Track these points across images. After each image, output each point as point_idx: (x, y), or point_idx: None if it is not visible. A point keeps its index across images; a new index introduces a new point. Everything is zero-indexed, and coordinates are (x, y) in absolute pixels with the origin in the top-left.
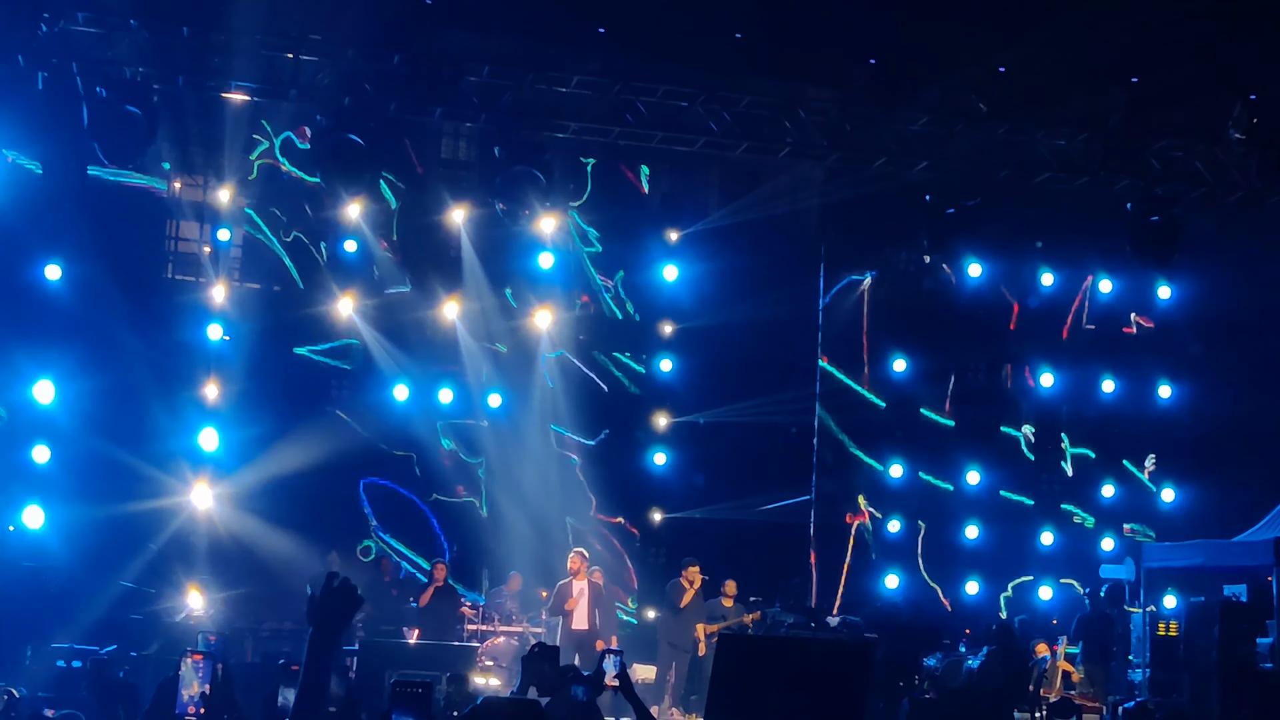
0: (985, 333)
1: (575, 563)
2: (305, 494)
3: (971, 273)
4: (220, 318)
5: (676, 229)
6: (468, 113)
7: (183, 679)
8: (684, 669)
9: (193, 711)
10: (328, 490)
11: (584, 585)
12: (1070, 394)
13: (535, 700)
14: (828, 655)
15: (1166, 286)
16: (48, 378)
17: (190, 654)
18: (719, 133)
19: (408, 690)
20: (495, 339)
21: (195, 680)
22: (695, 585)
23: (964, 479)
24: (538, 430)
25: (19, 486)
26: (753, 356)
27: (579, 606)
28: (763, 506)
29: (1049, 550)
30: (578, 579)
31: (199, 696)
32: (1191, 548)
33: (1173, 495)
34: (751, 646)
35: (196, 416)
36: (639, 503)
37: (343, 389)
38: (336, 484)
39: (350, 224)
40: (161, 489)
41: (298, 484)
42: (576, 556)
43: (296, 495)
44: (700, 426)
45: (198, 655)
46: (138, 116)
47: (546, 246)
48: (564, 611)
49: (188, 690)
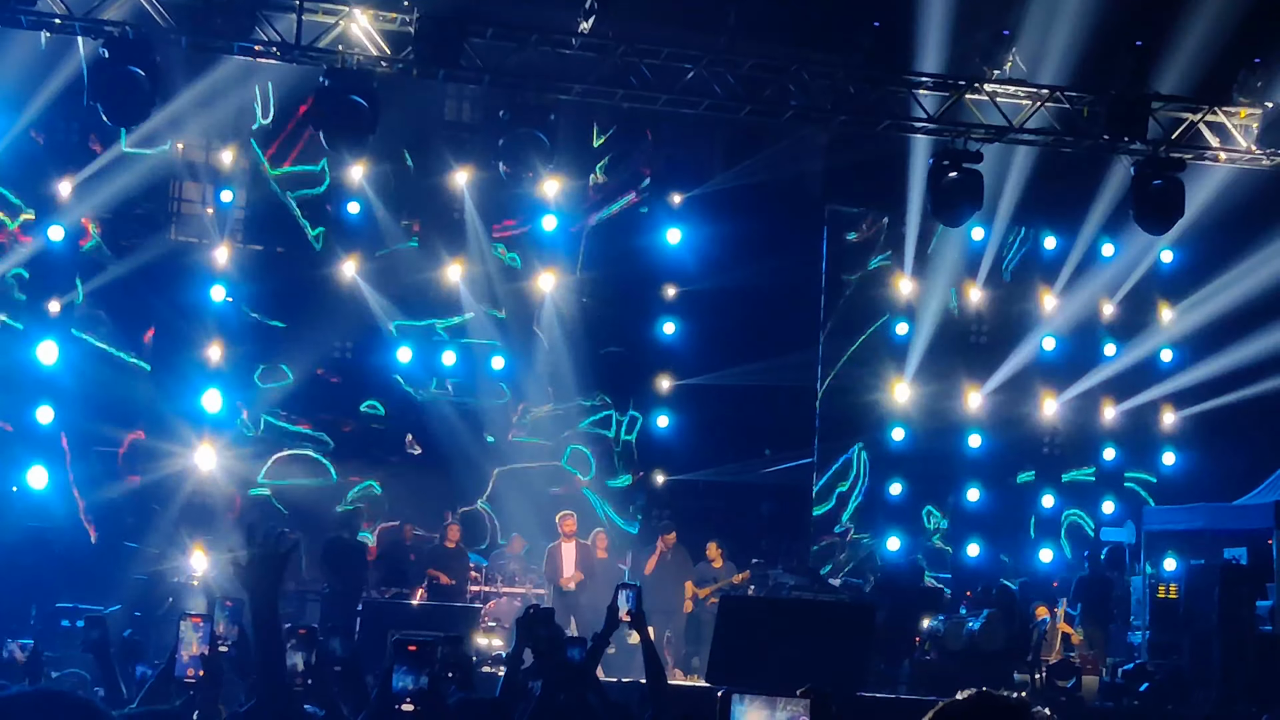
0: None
1: (568, 524)
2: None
3: (974, 236)
4: (223, 279)
5: (679, 192)
6: (471, 75)
7: (182, 641)
8: (676, 632)
9: (191, 674)
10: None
11: (572, 546)
12: (1073, 355)
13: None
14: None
15: (1169, 251)
16: (51, 339)
17: (189, 616)
18: (723, 95)
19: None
20: (498, 301)
21: (195, 641)
22: (660, 550)
23: (966, 442)
24: (541, 394)
25: (22, 447)
26: (755, 319)
27: (568, 568)
28: (765, 469)
29: (1050, 513)
30: (566, 541)
31: (199, 658)
32: (1192, 511)
33: (1173, 459)
34: (754, 608)
35: (200, 378)
36: (641, 466)
37: (347, 352)
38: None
39: (353, 186)
40: (166, 451)
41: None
42: (566, 518)
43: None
44: (703, 388)
45: (196, 618)
46: (140, 77)
47: (550, 209)
48: (557, 576)
49: (187, 651)
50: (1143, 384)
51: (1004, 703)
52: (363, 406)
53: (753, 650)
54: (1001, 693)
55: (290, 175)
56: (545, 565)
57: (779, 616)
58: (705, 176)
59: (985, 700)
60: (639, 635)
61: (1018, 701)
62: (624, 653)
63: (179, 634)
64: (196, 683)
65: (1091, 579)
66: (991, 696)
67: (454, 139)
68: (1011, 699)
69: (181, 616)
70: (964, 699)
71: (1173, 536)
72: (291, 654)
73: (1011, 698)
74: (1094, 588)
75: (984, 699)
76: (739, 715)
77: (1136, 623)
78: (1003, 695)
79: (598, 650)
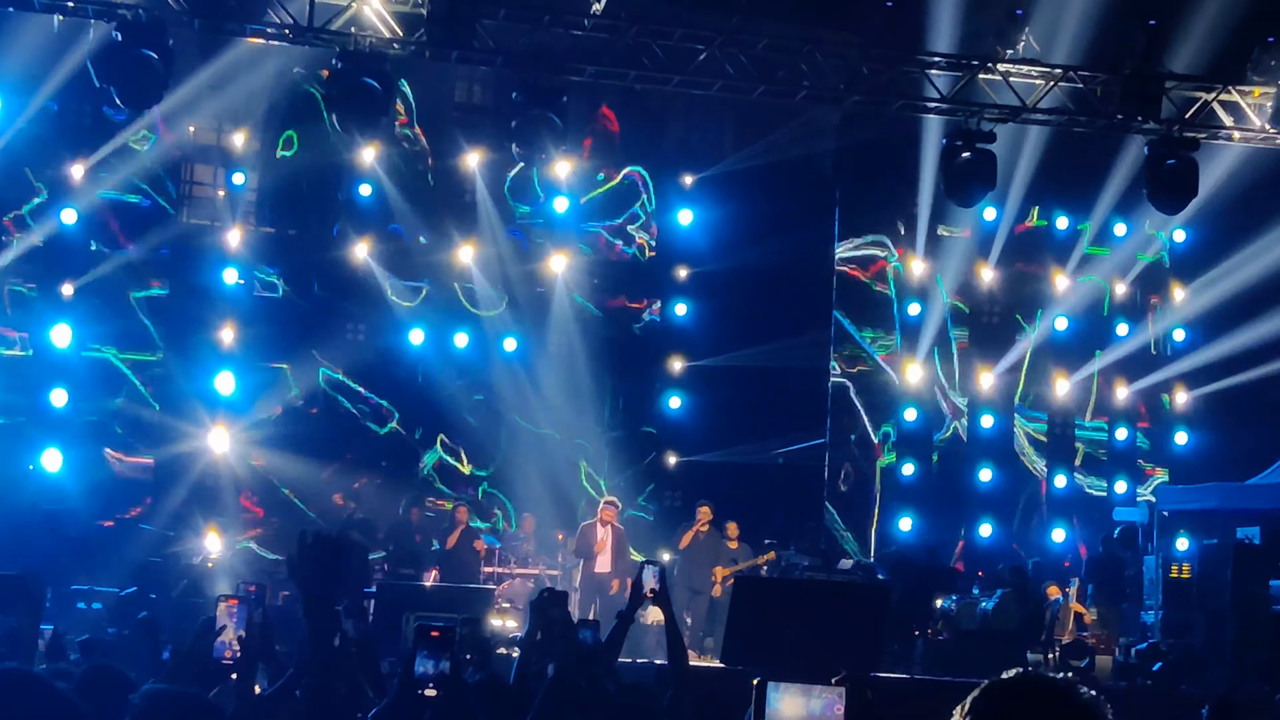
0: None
1: (609, 513)
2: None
3: (986, 216)
4: (236, 262)
5: (691, 174)
6: (484, 56)
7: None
8: (701, 613)
9: (229, 656)
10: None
11: (608, 530)
12: (1084, 336)
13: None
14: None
15: (1182, 230)
16: (65, 322)
17: (226, 599)
18: (735, 76)
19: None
20: (510, 282)
21: (231, 626)
22: (697, 526)
23: (979, 423)
24: (553, 375)
25: (37, 430)
26: (768, 300)
27: (604, 550)
28: (778, 450)
29: (1061, 493)
30: (602, 524)
31: (235, 641)
32: (1205, 490)
33: (1186, 438)
34: (768, 589)
35: (213, 360)
36: (655, 446)
37: (359, 333)
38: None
39: (365, 168)
40: (179, 433)
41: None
42: (610, 507)
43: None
44: (715, 370)
45: (233, 600)
46: (153, 60)
47: (561, 190)
48: (590, 554)
49: (225, 634)
50: (1155, 364)
51: (1051, 684)
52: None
53: (767, 631)
54: (1048, 674)
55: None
56: (577, 541)
57: (793, 597)
58: (717, 157)
59: (1032, 682)
60: (663, 613)
61: (1065, 683)
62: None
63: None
64: (234, 664)
65: (1104, 558)
66: (1039, 678)
67: (465, 121)
68: (1059, 680)
69: (219, 599)
70: (1010, 679)
71: (1185, 516)
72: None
73: (1059, 679)
74: (1106, 567)
75: (1032, 680)
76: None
77: (1149, 602)
78: (1050, 676)
79: (621, 629)
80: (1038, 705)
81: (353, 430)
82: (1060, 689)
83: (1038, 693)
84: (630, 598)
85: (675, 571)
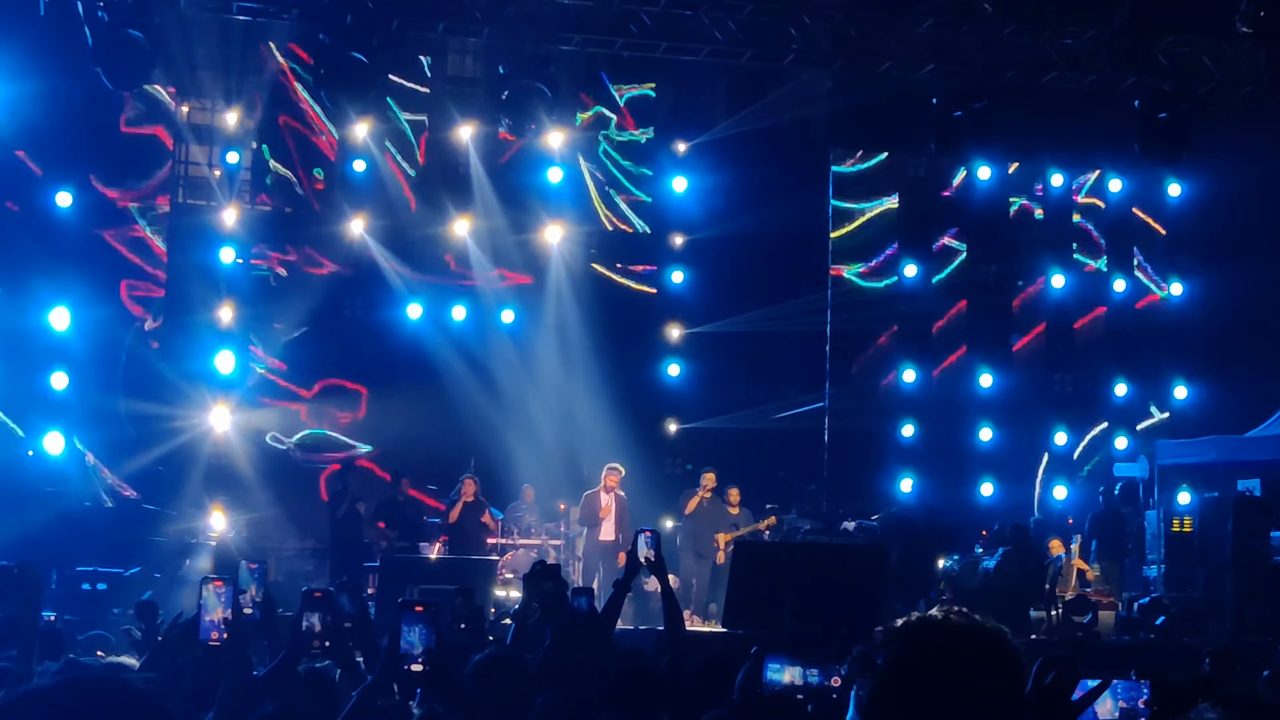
0: (995, 235)
1: (612, 479)
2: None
3: (981, 176)
4: (233, 240)
5: (684, 140)
6: (471, 26)
7: (205, 605)
8: (705, 578)
9: (215, 637)
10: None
11: (611, 498)
12: (1082, 293)
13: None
14: (844, 559)
15: (1176, 184)
16: (63, 304)
17: (212, 580)
18: (724, 41)
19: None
20: (506, 256)
21: (219, 607)
22: (701, 493)
23: (977, 382)
24: (551, 346)
25: (38, 413)
26: (764, 265)
27: (608, 517)
28: (777, 415)
29: (1062, 450)
30: (606, 491)
31: (221, 622)
32: (1205, 444)
33: (1185, 392)
34: (767, 553)
35: (212, 339)
36: (654, 414)
37: (356, 309)
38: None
39: (358, 143)
40: (179, 412)
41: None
42: (612, 472)
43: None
44: (713, 336)
45: (218, 581)
46: (140, 40)
47: (555, 161)
48: (595, 522)
49: (210, 615)
50: (1151, 320)
51: (952, 621)
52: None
53: (768, 594)
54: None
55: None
56: (581, 509)
57: (794, 560)
58: (709, 124)
59: (938, 622)
60: (658, 580)
61: (966, 618)
62: (643, 598)
63: (200, 598)
64: (220, 646)
65: (1105, 514)
66: (942, 618)
67: (458, 94)
68: (961, 616)
69: (204, 580)
70: (914, 622)
71: (1186, 470)
72: (308, 616)
73: (962, 616)
74: (1108, 523)
75: (937, 620)
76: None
77: (1151, 557)
78: (951, 614)
79: (618, 598)
80: (948, 642)
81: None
82: (963, 624)
83: (945, 631)
84: (626, 566)
85: (679, 538)
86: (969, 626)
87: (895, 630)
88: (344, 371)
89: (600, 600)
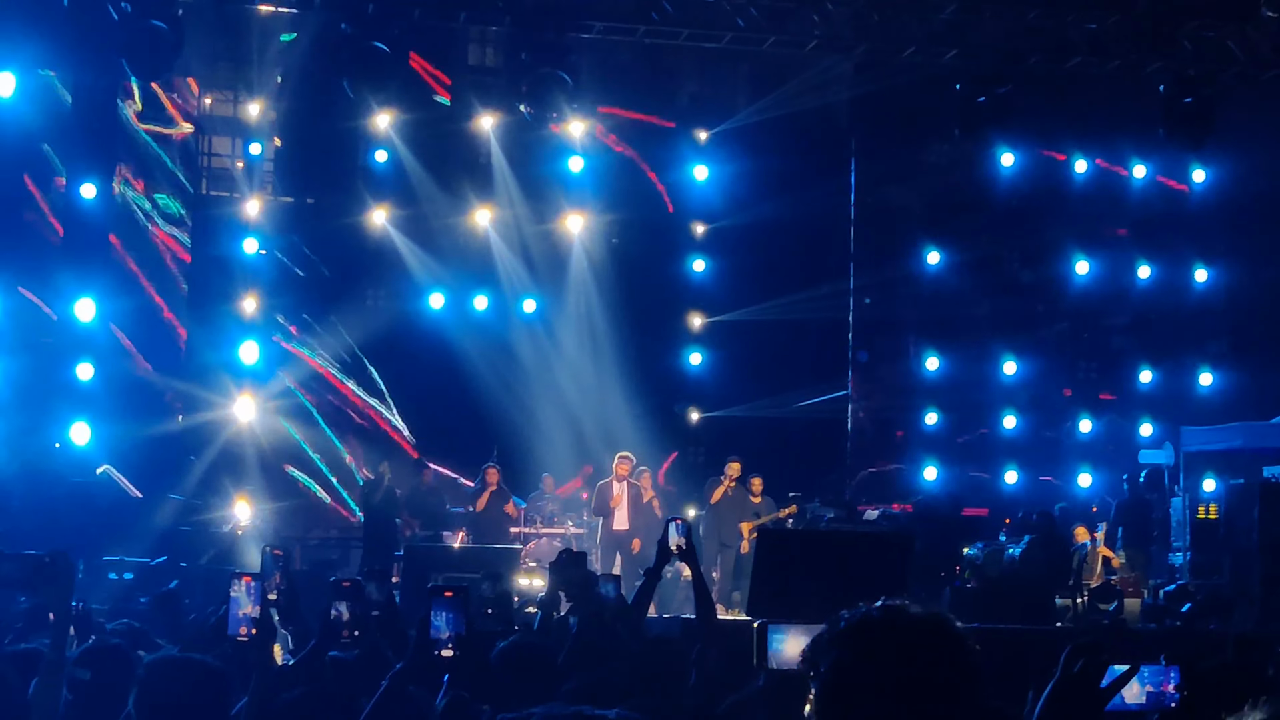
0: (1020, 222)
1: (623, 468)
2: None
3: (1004, 162)
4: (256, 232)
5: (705, 129)
6: (492, 15)
7: (235, 600)
8: (729, 567)
9: (244, 632)
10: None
11: (624, 487)
12: (1106, 280)
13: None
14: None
15: (1201, 169)
16: (89, 296)
17: (241, 576)
18: (746, 27)
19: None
20: (527, 244)
21: (249, 602)
22: (726, 482)
23: (1000, 369)
24: (572, 336)
25: (64, 404)
26: (786, 253)
27: (621, 506)
28: (800, 403)
29: (1087, 438)
30: (618, 480)
31: (249, 618)
32: (1230, 430)
33: (1210, 379)
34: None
35: (236, 330)
36: (676, 403)
37: (379, 299)
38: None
39: (380, 134)
40: (205, 403)
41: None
42: (623, 461)
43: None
44: (735, 324)
45: (248, 577)
46: (164, 31)
47: (576, 150)
48: (608, 511)
49: (240, 610)
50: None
51: (905, 611)
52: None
53: (791, 583)
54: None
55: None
56: (595, 500)
57: (817, 549)
58: (731, 111)
59: (892, 613)
60: (689, 568)
61: (917, 609)
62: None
63: (230, 594)
64: (249, 640)
65: (1131, 502)
66: (897, 607)
67: (479, 84)
68: (913, 608)
69: (234, 576)
70: (864, 613)
71: (1211, 456)
72: (336, 605)
73: (913, 608)
74: (1134, 510)
75: (891, 611)
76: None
77: (1177, 544)
78: (903, 605)
79: (649, 586)
80: (886, 638)
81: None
82: (900, 618)
83: (881, 628)
84: (657, 555)
85: (703, 527)
86: (907, 620)
87: (835, 633)
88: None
89: (622, 588)
